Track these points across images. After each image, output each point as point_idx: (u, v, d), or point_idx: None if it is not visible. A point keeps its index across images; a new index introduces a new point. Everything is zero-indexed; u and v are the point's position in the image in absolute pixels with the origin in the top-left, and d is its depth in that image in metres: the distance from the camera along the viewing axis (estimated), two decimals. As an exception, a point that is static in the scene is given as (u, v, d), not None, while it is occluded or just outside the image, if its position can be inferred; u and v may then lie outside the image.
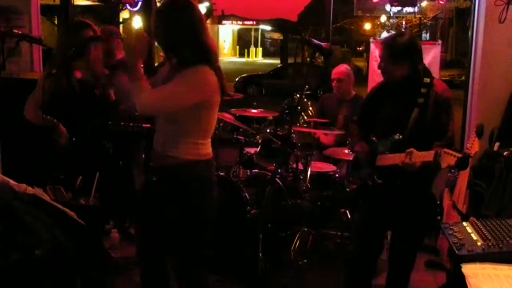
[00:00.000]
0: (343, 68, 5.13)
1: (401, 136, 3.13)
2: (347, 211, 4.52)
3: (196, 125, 2.82)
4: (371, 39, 5.95)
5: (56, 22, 16.70)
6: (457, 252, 2.17)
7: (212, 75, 2.73)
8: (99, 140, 3.65)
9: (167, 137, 2.84)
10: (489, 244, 2.18)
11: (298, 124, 4.74)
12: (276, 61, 32.85)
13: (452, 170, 3.99)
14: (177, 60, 2.78)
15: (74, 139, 3.55)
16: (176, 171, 2.84)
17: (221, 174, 4.66)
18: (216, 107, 2.90)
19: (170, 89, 2.69)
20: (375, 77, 5.18)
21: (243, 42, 47.32)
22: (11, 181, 2.36)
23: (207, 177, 2.92)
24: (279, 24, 35.21)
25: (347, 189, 4.46)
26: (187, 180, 2.84)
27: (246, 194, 4.28)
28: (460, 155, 2.78)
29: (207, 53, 2.75)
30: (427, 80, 3.15)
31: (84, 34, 3.53)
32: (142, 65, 2.75)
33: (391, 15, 24.36)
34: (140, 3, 14.42)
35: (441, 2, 22.57)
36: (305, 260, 4.38)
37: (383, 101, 3.30)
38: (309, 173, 4.52)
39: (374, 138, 3.28)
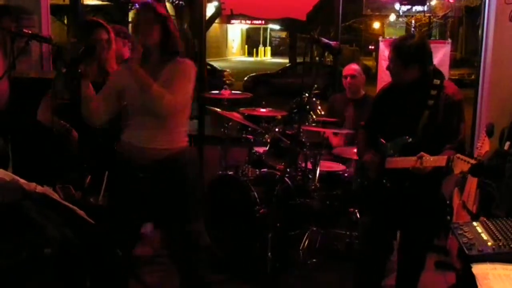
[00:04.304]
0: (355, 66, 5.15)
1: (411, 139, 3.11)
2: (356, 211, 4.51)
3: (186, 113, 3.07)
4: (380, 38, 5.91)
5: (66, 22, 16.78)
6: (467, 252, 2.15)
7: None
8: (110, 142, 3.63)
9: (157, 131, 2.95)
10: (500, 244, 2.16)
11: (307, 123, 4.74)
12: (284, 60, 32.79)
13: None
14: (161, 56, 2.96)
15: (84, 141, 3.52)
16: (175, 160, 2.99)
17: (230, 173, 4.66)
18: None
19: (181, 86, 2.90)
20: (384, 76, 5.14)
21: (251, 41, 47.30)
22: (21, 180, 2.37)
23: (197, 160, 3.18)
24: (287, 23, 35.16)
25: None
26: (185, 165, 3.05)
27: (255, 193, 4.28)
28: (474, 162, 2.76)
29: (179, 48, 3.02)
30: (437, 81, 3.12)
31: (97, 34, 3.52)
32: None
33: (400, 14, 24.28)
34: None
35: (451, 0, 22.47)
36: (314, 260, 4.37)
37: (393, 102, 3.28)
38: (318, 172, 4.51)
39: (383, 141, 3.26)
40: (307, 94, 4.48)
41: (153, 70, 2.91)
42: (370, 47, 32.31)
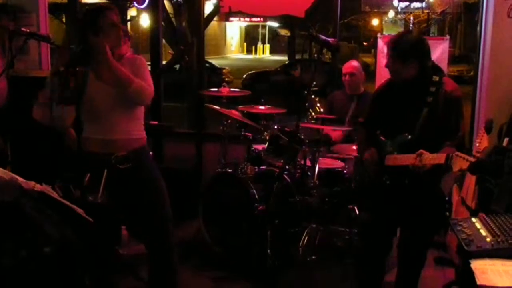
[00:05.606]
0: (354, 63, 5.15)
1: (410, 136, 3.10)
2: (355, 208, 4.51)
3: None
4: (379, 35, 5.91)
5: (64, 20, 16.76)
6: (466, 248, 2.16)
7: None
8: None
9: (130, 122, 3.14)
10: (498, 240, 2.16)
11: (305, 121, 4.74)
12: (283, 58, 32.75)
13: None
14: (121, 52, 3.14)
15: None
16: (143, 147, 3.24)
17: (229, 170, 4.66)
18: None
19: (149, 78, 3.11)
20: (383, 73, 5.14)
21: (250, 38, 47.24)
22: (20, 178, 2.36)
23: None
24: (286, 21, 35.09)
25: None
26: (149, 153, 3.34)
27: (254, 191, 4.28)
28: (473, 160, 2.75)
29: None
30: (436, 78, 3.12)
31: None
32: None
33: (399, 10, 24.27)
34: (147, 1, 14.41)
35: (449, -3, 22.46)
36: (313, 257, 4.38)
37: (392, 99, 3.27)
38: (317, 169, 4.51)
39: (382, 138, 3.26)
40: (306, 91, 4.48)
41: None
42: (364, 43, 32.09)
